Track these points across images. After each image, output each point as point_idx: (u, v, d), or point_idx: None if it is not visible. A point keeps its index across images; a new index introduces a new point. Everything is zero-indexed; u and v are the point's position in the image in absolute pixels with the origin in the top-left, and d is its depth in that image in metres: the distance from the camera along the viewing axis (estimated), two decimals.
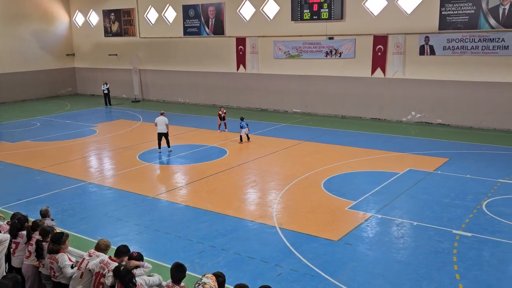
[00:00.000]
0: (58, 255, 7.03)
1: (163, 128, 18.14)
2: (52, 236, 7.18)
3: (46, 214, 8.57)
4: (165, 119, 18.28)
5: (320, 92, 26.15)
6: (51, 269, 7.07)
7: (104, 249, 6.98)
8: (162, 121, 18.19)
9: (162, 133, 18.20)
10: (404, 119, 23.97)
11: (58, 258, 7.00)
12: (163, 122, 18.17)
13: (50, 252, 7.05)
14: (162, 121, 18.20)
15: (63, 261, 6.97)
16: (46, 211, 8.61)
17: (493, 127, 21.72)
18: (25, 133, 22.97)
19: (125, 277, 6.07)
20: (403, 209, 12.29)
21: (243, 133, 19.88)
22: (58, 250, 7.05)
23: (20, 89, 34.54)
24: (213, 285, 5.69)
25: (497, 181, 14.15)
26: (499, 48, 20.80)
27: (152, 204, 13.10)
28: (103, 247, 6.99)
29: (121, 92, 34.93)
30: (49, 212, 8.67)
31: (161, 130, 18.16)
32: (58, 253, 7.04)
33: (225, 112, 21.94)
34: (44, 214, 8.55)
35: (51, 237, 7.18)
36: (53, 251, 7.04)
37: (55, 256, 7.02)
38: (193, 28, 30.23)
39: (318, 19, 25.04)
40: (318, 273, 9.06)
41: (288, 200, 13.15)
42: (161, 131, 18.19)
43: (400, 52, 23.29)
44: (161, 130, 18.17)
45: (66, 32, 37.33)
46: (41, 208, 8.72)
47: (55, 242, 7.07)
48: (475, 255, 9.64)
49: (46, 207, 8.77)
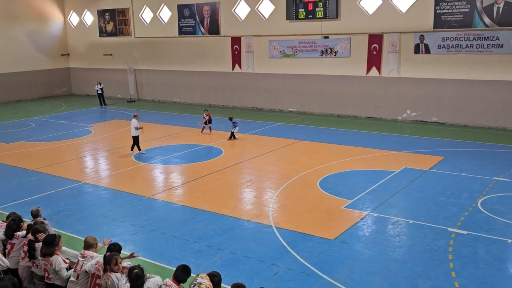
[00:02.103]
0: (53, 257, 6.98)
1: (132, 131, 18.15)
2: (45, 239, 7.11)
3: (37, 214, 8.50)
4: (134, 122, 18.16)
5: (316, 91, 26.18)
6: (45, 271, 7.04)
7: (93, 243, 6.97)
8: (131, 125, 18.18)
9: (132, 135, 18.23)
10: (399, 118, 24.02)
11: (53, 261, 6.95)
12: (132, 125, 18.16)
13: (44, 255, 7.00)
14: (131, 124, 18.20)
15: (58, 264, 6.94)
16: (37, 211, 8.54)
17: (488, 125, 21.80)
18: (20, 133, 22.88)
19: (135, 282, 6.08)
20: (399, 207, 12.32)
21: (234, 130, 20.17)
22: (52, 252, 7.01)
23: (14, 89, 34.42)
24: (208, 284, 5.71)
25: (492, 179, 14.20)
26: (493, 47, 20.87)
27: (148, 204, 13.07)
28: (92, 242, 6.97)
29: (116, 92, 34.85)
30: (40, 212, 8.60)
31: (131, 132, 18.20)
32: (52, 255, 6.99)
33: (209, 115, 21.64)
34: (35, 215, 8.49)
35: (44, 240, 7.11)
36: (47, 254, 6.99)
37: (49, 259, 6.97)
38: (188, 27, 30.19)
39: (313, 18, 25.06)
40: (315, 272, 9.07)
41: (284, 199, 13.16)
42: (131, 134, 18.23)
43: (395, 51, 23.34)
44: (131, 133, 18.21)
45: (60, 32, 37.20)
46: (32, 209, 8.64)
47: (48, 244, 7.02)
48: (470, 253, 9.67)
49: (37, 207, 8.71)
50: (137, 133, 18.16)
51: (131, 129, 18.18)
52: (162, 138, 21.17)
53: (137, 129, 18.08)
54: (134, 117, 18.50)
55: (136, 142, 18.25)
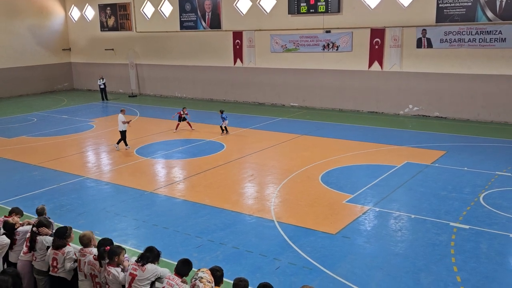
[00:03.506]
0: (66, 247, 7.04)
1: (119, 126, 18.12)
2: (57, 231, 7.16)
3: (42, 212, 8.48)
4: (121, 116, 18.12)
5: (317, 85, 26.12)
6: (54, 260, 7.02)
7: (87, 243, 6.96)
8: (119, 119, 18.15)
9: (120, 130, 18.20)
10: (401, 112, 23.98)
11: (65, 250, 7.01)
12: (119, 120, 18.13)
13: (57, 248, 7.01)
14: (118, 119, 18.18)
15: (69, 253, 7.00)
16: (42, 209, 8.51)
17: (490, 119, 21.75)
18: (22, 128, 22.90)
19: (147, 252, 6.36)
20: (400, 202, 12.31)
21: (224, 125, 20.18)
22: (65, 244, 7.07)
23: (16, 84, 34.40)
24: (209, 279, 5.72)
25: (494, 174, 14.18)
26: (496, 41, 20.79)
27: (150, 199, 13.09)
28: (86, 241, 6.96)
29: (118, 87, 34.82)
30: (45, 211, 8.60)
31: (119, 127, 18.18)
32: (65, 246, 7.05)
33: (187, 113, 21.49)
34: (40, 213, 8.47)
35: (56, 233, 7.16)
36: (60, 246, 7.02)
37: (62, 249, 7.02)
38: (189, 22, 30.12)
39: (315, 13, 24.97)
40: (317, 266, 9.08)
41: (286, 194, 13.16)
42: (119, 129, 18.21)
43: (397, 45, 23.26)
44: (119, 128, 18.19)
45: (62, 27, 37.16)
46: (38, 207, 8.59)
47: (61, 237, 7.07)
48: (472, 247, 9.67)
49: (43, 205, 8.70)
50: (125, 128, 18.15)
51: (119, 123, 18.15)
52: (164, 132, 21.18)
53: (124, 123, 18.06)
54: (121, 112, 18.45)
55: (123, 136, 18.24)
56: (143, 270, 6.21)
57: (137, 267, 6.25)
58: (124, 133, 18.25)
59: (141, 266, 6.23)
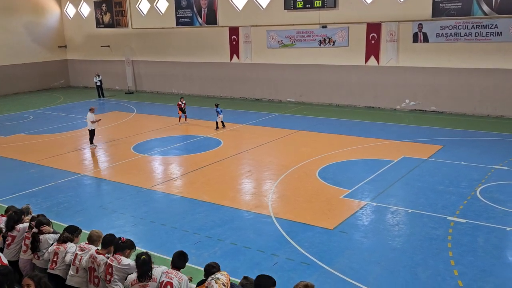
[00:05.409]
0: (69, 243, 7.14)
1: (88, 125, 18.06)
2: (68, 227, 7.40)
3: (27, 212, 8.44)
4: (90, 115, 18.00)
5: (314, 81, 26.11)
6: (55, 255, 7.05)
7: (96, 240, 7.01)
8: (87, 118, 18.07)
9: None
10: (398, 107, 24.00)
11: (67, 246, 7.09)
12: (88, 119, 18.05)
13: (64, 241, 7.13)
14: (87, 118, 18.10)
15: (71, 248, 7.08)
16: (27, 208, 8.48)
17: (487, 113, 21.79)
18: (18, 126, 22.83)
19: (141, 267, 6.12)
20: (398, 196, 12.34)
21: (218, 119, 20.19)
22: (72, 239, 7.21)
23: (12, 82, 34.25)
24: (226, 282, 5.71)
25: (491, 168, 14.22)
26: (492, 35, 20.79)
27: (147, 196, 13.09)
28: (95, 238, 7.02)
29: (114, 83, 34.73)
30: (30, 210, 8.57)
31: (88, 126, 18.12)
32: (72, 241, 7.19)
33: (185, 103, 21.66)
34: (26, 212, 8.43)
35: (67, 228, 7.38)
36: (65, 240, 7.14)
37: (65, 244, 7.10)
38: (185, 18, 30.04)
39: (311, 8, 24.92)
40: (314, 261, 9.11)
41: (283, 189, 13.18)
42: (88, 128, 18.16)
43: (394, 40, 23.26)
44: (88, 127, 18.13)
45: (57, 24, 36.99)
46: (22, 206, 8.50)
47: (71, 232, 7.27)
48: (469, 241, 9.71)
49: (27, 205, 8.67)
50: (93, 127, 18.07)
51: (87, 122, 18.05)
52: (161, 129, 21.15)
53: (93, 122, 17.97)
54: (90, 111, 18.28)
55: (91, 135, 18.16)
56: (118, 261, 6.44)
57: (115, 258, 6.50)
58: (93, 132, 18.15)
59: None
